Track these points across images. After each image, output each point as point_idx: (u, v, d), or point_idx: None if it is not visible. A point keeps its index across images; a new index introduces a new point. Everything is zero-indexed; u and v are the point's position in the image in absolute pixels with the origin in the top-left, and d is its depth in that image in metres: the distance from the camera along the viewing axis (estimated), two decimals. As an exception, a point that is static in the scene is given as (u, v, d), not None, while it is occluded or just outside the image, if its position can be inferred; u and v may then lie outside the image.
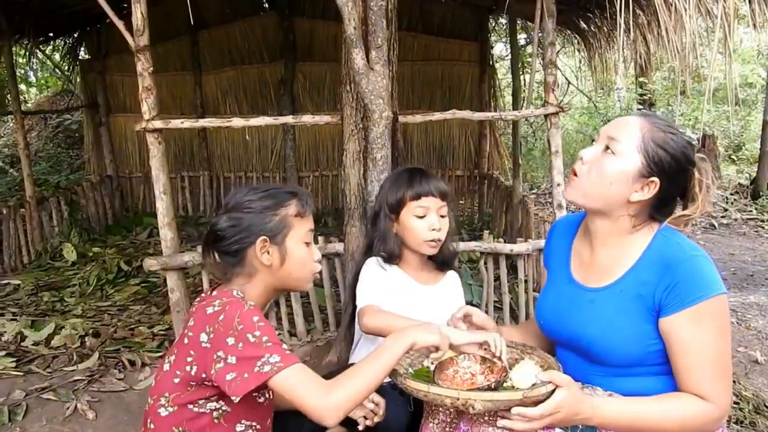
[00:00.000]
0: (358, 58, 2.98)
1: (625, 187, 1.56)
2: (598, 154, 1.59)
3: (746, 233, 6.91)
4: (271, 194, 1.60)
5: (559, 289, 1.79)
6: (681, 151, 1.56)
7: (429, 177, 2.08)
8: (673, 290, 1.49)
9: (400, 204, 2.05)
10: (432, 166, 7.11)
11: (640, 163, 1.54)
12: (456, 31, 6.90)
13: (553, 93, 3.61)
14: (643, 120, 1.57)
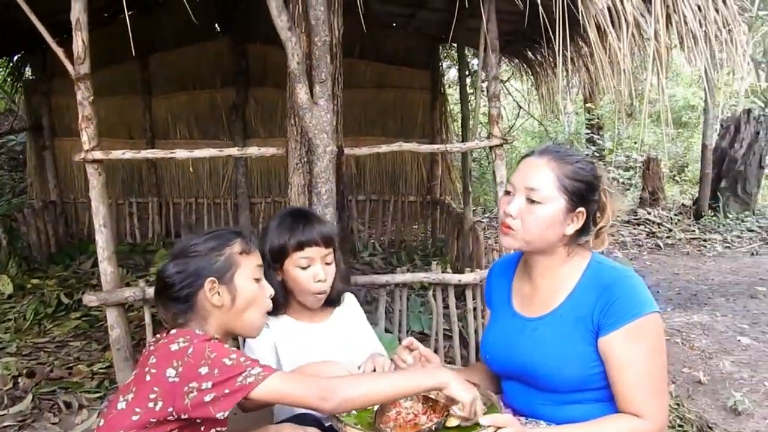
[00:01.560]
0: (302, 92, 2.99)
1: (560, 226, 1.63)
2: (524, 206, 1.62)
3: (690, 253, 7.12)
4: (215, 236, 1.63)
5: (503, 324, 1.83)
6: (591, 175, 1.64)
7: (312, 223, 1.97)
8: (610, 309, 1.56)
9: (283, 254, 1.93)
10: (385, 192, 7.13)
11: (564, 201, 1.60)
12: (408, 59, 6.97)
13: (497, 125, 3.67)
14: (548, 159, 1.62)
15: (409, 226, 7.31)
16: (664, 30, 3.11)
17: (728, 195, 8.03)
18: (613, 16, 3.02)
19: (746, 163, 7.97)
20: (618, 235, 7.72)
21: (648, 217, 8.20)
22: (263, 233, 2.04)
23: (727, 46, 3.33)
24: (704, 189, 8.08)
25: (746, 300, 5.33)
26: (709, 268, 6.46)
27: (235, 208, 7.04)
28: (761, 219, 7.94)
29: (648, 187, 8.74)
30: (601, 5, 2.94)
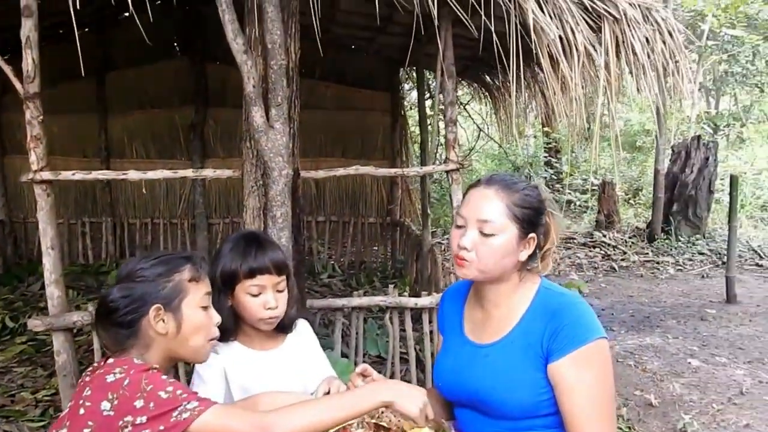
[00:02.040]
0: (257, 115, 2.97)
1: (514, 255, 1.64)
2: (478, 239, 1.63)
3: (644, 275, 7.27)
4: (164, 260, 1.57)
5: (454, 351, 1.83)
6: (537, 200, 1.66)
7: (265, 250, 1.91)
8: (559, 335, 1.57)
9: (234, 280, 1.89)
10: (345, 213, 7.13)
11: (516, 230, 1.62)
12: (369, 81, 7.03)
13: (453, 150, 3.71)
14: (496, 188, 1.63)
15: (369, 247, 7.30)
16: (613, 60, 3.20)
17: (680, 219, 8.25)
18: (564, 46, 3.10)
19: (696, 187, 8.21)
20: (574, 258, 7.86)
21: (603, 239, 8.37)
22: (215, 256, 1.99)
23: (674, 77, 3.45)
24: (657, 212, 8.29)
25: (696, 322, 5.46)
26: (662, 290, 6.61)
27: (192, 228, 6.93)
28: (711, 242, 8.17)
29: (603, 210, 8.93)
30: (553, 35, 3.01)
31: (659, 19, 3.28)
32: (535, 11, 2.99)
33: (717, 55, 11.91)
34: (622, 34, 3.14)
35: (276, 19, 2.95)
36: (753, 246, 8.09)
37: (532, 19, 2.98)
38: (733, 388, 4.04)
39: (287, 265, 1.98)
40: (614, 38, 3.17)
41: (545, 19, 3.02)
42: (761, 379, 4.18)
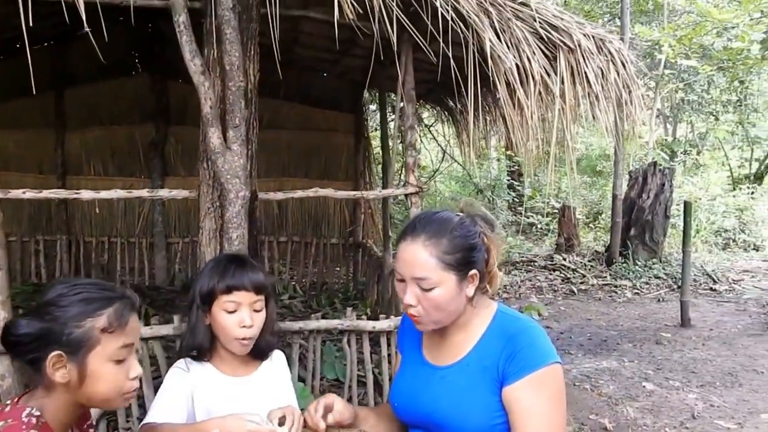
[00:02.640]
0: (214, 137, 2.95)
1: (461, 296, 1.64)
2: (420, 293, 1.63)
3: (602, 298, 7.39)
4: (85, 299, 1.40)
5: (412, 372, 1.82)
6: (467, 237, 1.64)
7: (245, 268, 1.93)
8: (514, 359, 1.58)
9: (212, 296, 1.89)
10: (307, 233, 7.09)
11: (454, 276, 1.61)
12: (333, 102, 7.05)
13: (413, 173, 3.73)
14: (423, 240, 1.61)
15: (331, 268, 7.27)
16: (569, 88, 3.27)
17: (637, 243, 8.43)
18: (521, 74, 3.16)
19: (653, 212, 8.41)
20: (535, 280, 7.94)
21: (563, 262, 8.48)
22: (198, 275, 2.00)
23: (627, 106, 3.53)
24: (615, 237, 8.45)
25: (652, 346, 5.55)
26: (619, 313, 6.72)
27: (150, 247, 6.80)
28: (667, 266, 8.35)
29: (564, 234, 9.07)
30: (510, 64, 3.06)
31: (613, 50, 3.37)
32: (493, 40, 3.04)
33: (674, 83, 12.29)
34: (577, 64, 3.22)
35: (235, 41, 2.94)
36: (707, 270, 8.30)
37: (489, 48, 3.03)
38: (685, 412, 4.11)
39: (266, 287, 1.97)
40: (569, 67, 3.24)
41: (502, 47, 3.07)
42: (712, 402, 4.26)
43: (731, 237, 10.46)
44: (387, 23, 3.00)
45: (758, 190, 12.65)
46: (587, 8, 13.82)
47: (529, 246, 10.00)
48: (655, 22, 12.33)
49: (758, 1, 8.06)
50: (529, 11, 3.16)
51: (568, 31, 3.17)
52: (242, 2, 3.05)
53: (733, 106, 14.22)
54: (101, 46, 2.75)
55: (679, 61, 10.13)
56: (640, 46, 12.09)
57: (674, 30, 9.84)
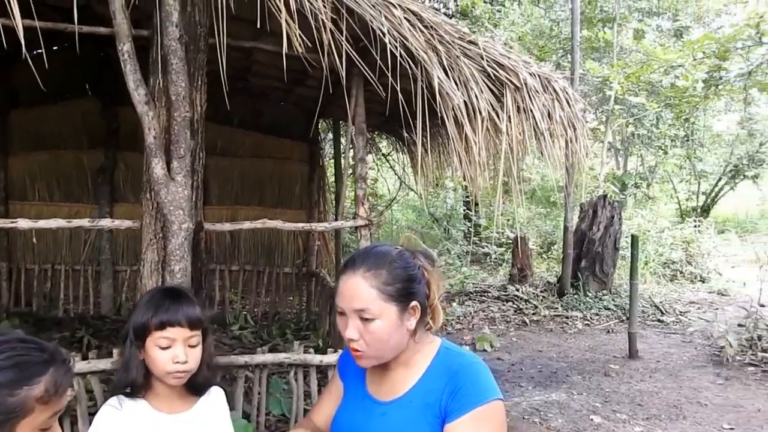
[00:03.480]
0: (158, 167, 2.89)
1: (402, 328, 1.63)
2: (361, 326, 1.61)
3: (553, 329, 7.45)
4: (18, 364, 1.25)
5: (354, 405, 1.79)
6: (407, 269, 1.64)
7: (180, 303, 1.88)
8: (457, 395, 1.56)
9: (145, 331, 1.84)
10: (260, 262, 6.99)
11: (395, 307, 1.60)
12: (287, 130, 7.03)
13: (363, 206, 3.72)
14: (362, 273, 1.61)
15: (284, 298, 7.17)
16: (515, 125, 3.33)
17: (588, 274, 8.57)
18: (469, 111, 3.20)
19: (603, 244, 8.58)
20: (488, 311, 7.98)
21: (516, 293, 8.56)
22: (133, 309, 1.95)
23: (572, 143, 3.61)
24: (566, 268, 8.58)
25: (600, 378, 5.61)
26: (570, 345, 6.78)
27: (96, 275, 6.61)
28: (617, 297, 8.51)
29: (517, 264, 9.17)
30: (458, 100, 3.10)
31: (558, 88, 3.45)
32: (441, 77, 3.08)
33: (624, 118, 12.67)
34: (523, 102, 3.28)
35: (181, 71, 2.91)
36: (655, 302, 8.48)
37: (437, 84, 3.07)
38: (630, 445, 4.14)
39: (202, 321, 1.91)
40: (516, 105, 3.30)
41: (450, 84, 3.11)
42: (657, 435, 4.31)
43: (678, 269, 10.74)
44: (336, 57, 3.02)
45: (704, 223, 13.05)
46: (541, 44, 14.24)
47: (483, 276, 10.07)
48: (605, 59, 12.75)
49: (700, 43, 8.40)
50: (477, 49, 3.22)
51: (514, 70, 3.24)
52: (190, 33, 3.03)
53: (681, 140, 14.73)
54: (50, 69, 2.69)
55: (628, 97, 10.47)
56: (592, 81, 12.48)
57: (623, 67, 10.18)
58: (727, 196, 16.38)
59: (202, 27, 3.10)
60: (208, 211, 6.71)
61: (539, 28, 13.99)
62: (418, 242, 1.76)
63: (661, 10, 13.73)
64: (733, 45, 7.91)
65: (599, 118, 13.98)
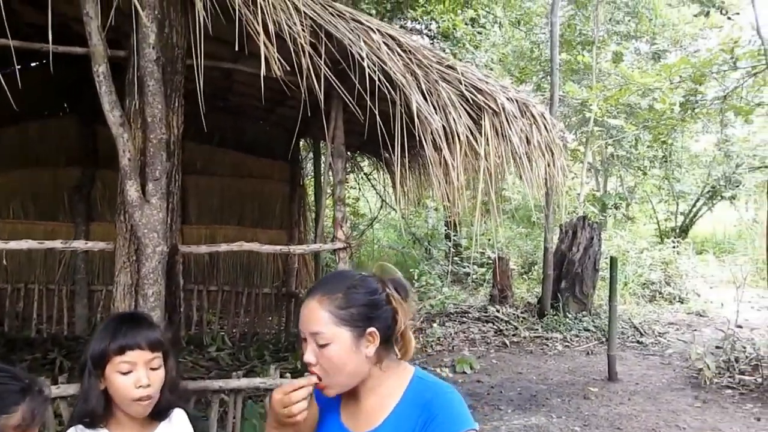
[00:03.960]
0: (132, 189, 2.86)
1: (359, 356, 1.60)
2: (319, 352, 1.60)
3: (533, 351, 7.44)
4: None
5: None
6: (366, 293, 1.62)
7: (139, 327, 1.86)
8: (431, 425, 1.53)
9: (104, 358, 1.80)
10: (239, 282, 6.92)
11: (348, 332, 1.59)
12: (268, 150, 7.01)
13: (341, 229, 3.70)
14: (319, 297, 1.60)
15: (263, 318, 7.10)
16: (493, 149, 3.34)
17: (568, 295, 8.59)
18: (447, 134, 3.21)
19: (583, 265, 8.62)
20: (469, 332, 7.96)
21: (497, 314, 8.55)
22: (90, 338, 1.90)
23: (550, 167, 3.63)
24: (546, 289, 8.60)
25: (580, 401, 5.60)
26: (549, 367, 6.77)
27: (71, 295, 6.50)
28: (596, 319, 8.53)
29: (498, 285, 9.17)
30: (436, 124, 3.11)
31: (536, 113, 3.47)
32: (419, 101, 3.09)
33: (604, 139, 12.82)
34: (501, 126, 3.30)
35: (158, 93, 2.89)
36: (635, 323, 8.51)
37: (416, 108, 3.07)
38: (609, 470, 4.12)
39: (162, 343, 1.88)
40: (494, 129, 3.31)
41: (429, 108, 3.12)
42: (635, 460, 4.30)
43: (657, 290, 10.80)
44: (315, 80, 3.01)
45: (682, 244, 13.18)
46: (522, 65, 14.41)
47: (464, 297, 10.06)
48: (585, 81, 12.92)
49: (677, 67, 8.55)
50: (455, 74, 3.23)
51: (492, 95, 3.26)
52: (167, 54, 3.01)
53: (659, 161, 14.91)
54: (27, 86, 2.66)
55: (607, 119, 10.60)
56: (571, 102, 12.63)
57: (601, 90, 10.31)
58: (705, 217, 16.57)
59: (180, 49, 3.09)
60: (187, 230, 6.67)
61: (520, 49, 14.16)
62: (392, 270, 1.75)
63: (639, 34, 13.96)
64: (709, 70, 8.06)
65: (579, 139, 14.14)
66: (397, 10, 9.48)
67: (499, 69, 12.64)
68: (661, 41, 14.25)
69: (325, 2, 3.02)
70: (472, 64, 9.98)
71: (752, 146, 13.64)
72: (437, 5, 9.99)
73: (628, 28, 13.46)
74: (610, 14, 13.36)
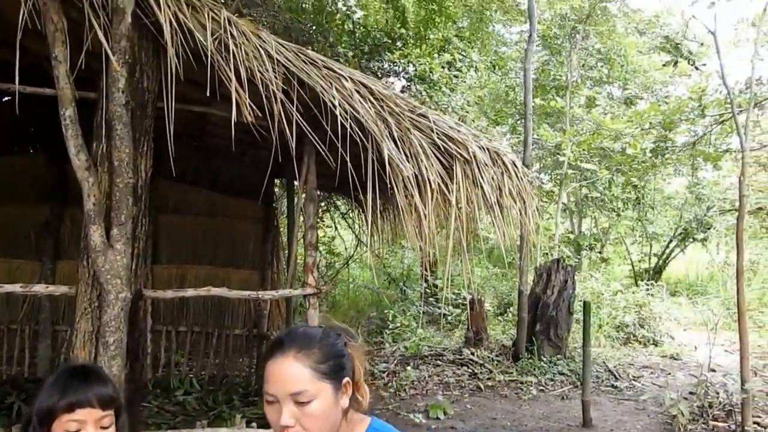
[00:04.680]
0: (96, 234, 2.79)
1: (338, 409, 1.57)
2: (297, 411, 1.54)
3: (508, 395, 7.36)
4: None
5: None
6: (335, 344, 1.60)
7: (90, 381, 1.77)
8: None
9: (51, 416, 1.71)
10: (209, 323, 6.78)
11: (330, 386, 1.56)
12: (242, 189, 6.93)
13: (312, 274, 3.65)
14: (294, 353, 1.56)
15: (234, 360, 6.94)
16: (464, 196, 3.34)
17: (542, 338, 8.56)
18: (419, 182, 3.21)
19: (557, 308, 8.62)
20: (443, 376, 7.87)
21: (472, 357, 8.48)
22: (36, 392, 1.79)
23: (521, 215, 3.64)
24: (521, 332, 8.57)
25: (554, 448, 5.53)
26: (524, 412, 6.69)
27: (34, 335, 6.29)
28: (571, 362, 8.49)
29: (473, 327, 9.12)
30: (408, 172, 3.11)
31: (507, 162, 3.49)
32: (391, 148, 3.09)
33: (578, 181, 12.99)
34: (473, 174, 3.30)
35: (126, 137, 2.85)
36: (609, 367, 8.49)
37: (387, 156, 3.07)
38: None
39: (115, 400, 1.79)
40: (466, 177, 3.32)
41: (401, 156, 3.12)
42: None
43: (632, 332, 10.82)
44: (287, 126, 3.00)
45: (656, 286, 13.29)
46: (498, 107, 14.64)
47: (439, 339, 9.96)
48: (560, 124, 13.14)
49: (647, 114, 8.74)
50: (427, 122, 3.25)
51: (464, 143, 3.27)
52: (137, 98, 2.98)
53: (633, 203, 15.12)
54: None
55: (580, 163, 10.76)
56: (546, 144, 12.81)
57: (574, 135, 10.49)
58: (678, 259, 16.77)
59: (150, 93, 3.06)
60: (158, 270, 6.54)
61: (496, 92, 14.40)
62: (333, 322, 1.74)
63: (611, 80, 14.31)
64: (678, 117, 8.25)
65: (554, 180, 14.30)
66: (375, 52, 9.61)
67: (475, 111, 12.83)
68: (633, 87, 14.61)
69: (297, 50, 3.04)
70: (448, 106, 10.14)
71: (722, 189, 13.91)
72: (414, 49, 10.15)
73: (601, 73, 13.79)
74: (583, 60, 13.70)
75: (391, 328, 9.52)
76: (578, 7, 12.32)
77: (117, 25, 2.75)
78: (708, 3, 6.63)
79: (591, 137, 9.95)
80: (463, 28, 12.19)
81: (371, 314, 10.66)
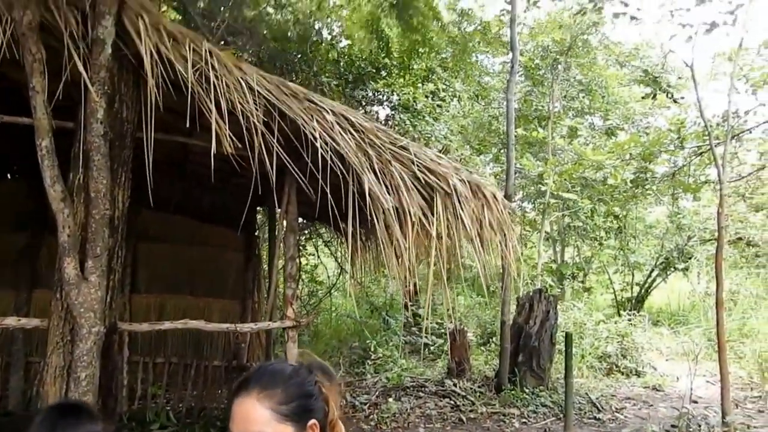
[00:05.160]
0: (70, 267, 2.74)
1: None
2: None
3: (490, 428, 7.27)
4: None
5: None
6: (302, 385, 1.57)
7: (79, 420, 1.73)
8: None
9: None
10: (187, 354, 6.66)
11: (291, 428, 1.53)
12: (224, 218, 6.89)
13: (291, 307, 3.61)
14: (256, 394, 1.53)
15: (213, 392, 6.81)
16: (445, 228, 3.34)
17: (525, 369, 8.50)
18: (400, 214, 3.20)
19: (540, 339, 8.58)
20: (425, 407, 7.77)
21: (454, 388, 8.39)
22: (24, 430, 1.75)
23: (502, 247, 3.64)
24: (504, 362, 8.51)
25: (536, 483, 5.45)
26: (506, 446, 6.62)
27: (6, 367, 6.14)
28: (554, 393, 8.43)
29: (455, 358, 9.04)
30: (388, 205, 3.10)
31: (488, 194, 3.50)
32: (371, 180, 3.08)
33: (560, 210, 13.08)
34: (453, 207, 3.31)
35: (103, 168, 2.82)
36: (592, 398, 8.44)
37: (368, 188, 3.06)
38: None
39: None
40: (446, 209, 3.32)
41: (381, 188, 3.12)
42: None
43: (614, 362, 10.79)
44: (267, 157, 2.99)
45: (638, 316, 13.32)
46: (481, 136, 14.76)
47: (421, 369, 9.87)
48: (542, 153, 13.27)
49: (627, 145, 8.86)
50: (408, 155, 3.25)
51: (444, 176, 3.28)
52: (116, 129, 2.96)
53: (614, 232, 15.23)
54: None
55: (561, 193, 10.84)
56: (529, 174, 12.92)
57: (556, 165, 10.58)
58: (660, 288, 16.85)
59: (129, 123, 3.04)
60: (136, 300, 6.45)
61: (479, 121, 14.53)
62: (312, 357, 1.71)
63: (592, 110, 14.51)
64: (657, 149, 8.36)
65: (537, 209, 14.39)
66: (359, 81, 9.69)
67: (458, 140, 12.92)
68: (614, 117, 14.83)
69: (279, 82, 3.04)
70: (432, 135, 10.20)
71: (702, 219, 14.07)
72: (398, 78, 10.24)
73: (582, 104, 13.99)
74: (565, 91, 13.90)
75: (373, 359, 9.42)
76: (560, 39, 12.54)
77: (97, 56, 2.74)
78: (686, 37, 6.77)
79: (573, 167, 10.05)
80: (446, 58, 12.35)
81: (353, 344, 10.55)
